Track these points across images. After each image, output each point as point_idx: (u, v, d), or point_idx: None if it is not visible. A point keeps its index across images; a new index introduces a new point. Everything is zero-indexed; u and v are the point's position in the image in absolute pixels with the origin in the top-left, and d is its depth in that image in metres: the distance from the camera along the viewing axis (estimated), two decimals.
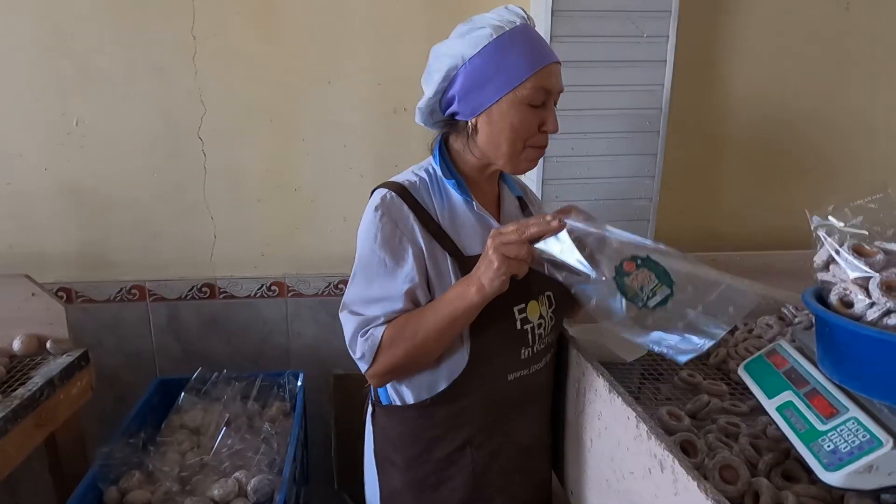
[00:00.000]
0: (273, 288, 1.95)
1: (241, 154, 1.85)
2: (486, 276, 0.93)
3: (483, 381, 1.07)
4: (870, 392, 0.82)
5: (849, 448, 0.78)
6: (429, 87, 1.06)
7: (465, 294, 0.96)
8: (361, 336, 1.02)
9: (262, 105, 1.82)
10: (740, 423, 1.13)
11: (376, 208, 1.03)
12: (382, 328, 1.00)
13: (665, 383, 1.43)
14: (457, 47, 1.01)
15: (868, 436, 0.77)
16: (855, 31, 1.93)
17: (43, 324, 1.54)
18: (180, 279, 1.91)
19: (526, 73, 0.98)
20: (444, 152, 1.11)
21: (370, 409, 1.21)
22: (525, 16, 1.04)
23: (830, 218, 0.91)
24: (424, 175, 1.10)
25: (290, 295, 1.96)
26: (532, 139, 1.03)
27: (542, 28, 1.63)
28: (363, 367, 1.04)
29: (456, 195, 1.09)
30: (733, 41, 1.89)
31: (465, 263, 1.04)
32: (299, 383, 1.75)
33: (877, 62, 1.97)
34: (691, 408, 1.18)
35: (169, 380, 1.78)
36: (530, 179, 1.75)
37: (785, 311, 1.78)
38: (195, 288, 1.91)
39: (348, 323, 1.04)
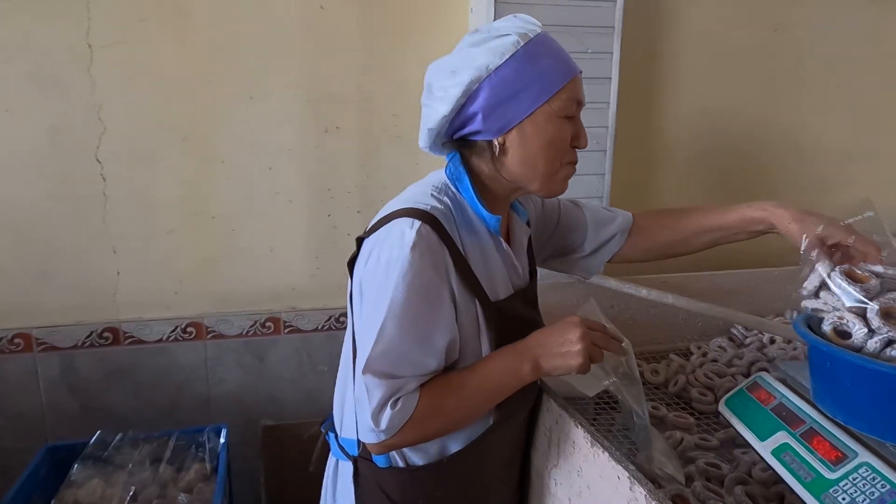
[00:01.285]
0: (189, 329, 1.72)
1: (149, 178, 1.62)
2: (556, 361, 0.88)
3: (503, 440, 1.00)
4: (879, 433, 0.74)
5: (868, 501, 0.69)
6: (442, 105, 0.91)
7: (518, 372, 0.89)
8: (391, 406, 0.84)
9: (174, 123, 1.61)
10: (721, 463, 1.05)
11: (413, 246, 0.84)
12: (416, 396, 0.85)
13: (620, 412, 1.34)
14: (478, 58, 0.88)
15: (889, 486, 0.69)
16: (783, 53, 1.98)
17: None
18: (76, 324, 1.64)
19: (561, 82, 0.89)
20: (468, 177, 0.96)
21: (347, 468, 1.02)
22: (539, 25, 0.94)
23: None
24: (448, 201, 0.94)
25: (209, 337, 1.73)
26: (566, 156, 0.94)
27: None
28: (376, 438, 0.86)
29: (483, 229, 0.96)
30: (674, 60, 1.89)
31: (489, 311, 0.92)
32: (222, 440, 1.53)
33: (803, 82, 2.03)
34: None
35: (60, 446, 1.50)
36: None
37: (734, 331, 1.76)
38: (94, 333, 1.65)
39: (376, 388, 0.84)
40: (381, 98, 1.73)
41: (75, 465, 1.39)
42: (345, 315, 1.77)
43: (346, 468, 1.01)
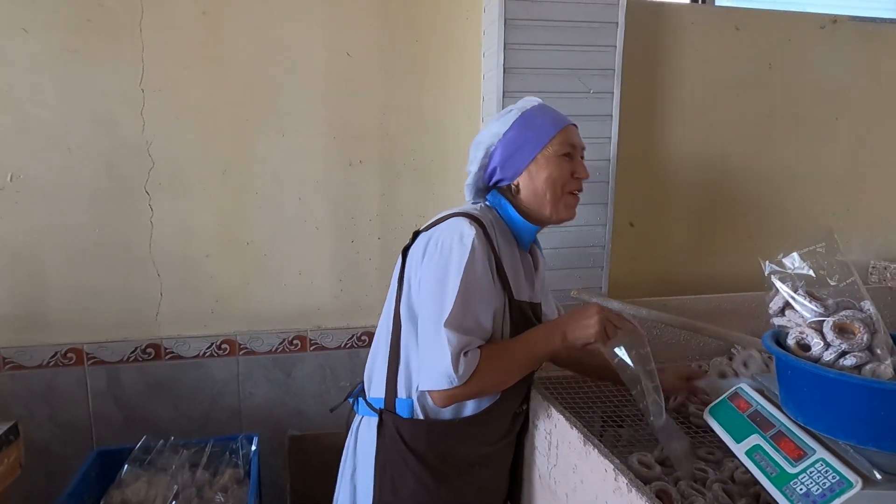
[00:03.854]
0: (223, 346, 1.86)
1: (191, 208, 1.79)
2: (578, 331, 1.10)
3: (505, 411, 1.20)
4: (834, 433, 0.84)
5: (820, 490, 0.80)
6: (473, 166, 1.24)
7: (552, 340, 1.11)
8: (464, 355, 1.05)
9: (214, 157, 1.78)
10: (707, 468, 1.15)
11: (475, 237, 1.09)
12: (479, 353, 1.07)
13: (626, 429, 1.44)
14: (492, 129, 1.21)
15: (838, 477, 0.79)
16: (777, 88, 2.10)
17: None
18: (122, 340, 1.79)
19: (552, 131, 1.18)
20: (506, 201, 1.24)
21: (370, 421, 1.22)
22: (540, 100, 1.26)
23: (785, 261, 0.95)
24: (490, 217, 1.20)
25: (241, 353, 1.88)
26: (568, 185, 1.20)
27: (495, 85, 1.70)
28: (449, 383, 1.05)
29: (514, 244, 1.23)
30: (672, 97, 2.02)
31: (513, 307, 1.16)
32: (253, 447, 1.66)
33: (796, 116, 2.14)
34: (659, 455, 1.19)
35: (109, 451, 1.64)
36: None
37: (735, 351, 1.84)
38: (138, 349, 1.80)
39: (455, 339, 1.05)
40: (401, 134, 1.89)
41: (125, 467, 1.52)
42: (366, 334, 1.91)
43: (370, 422, 1.22)
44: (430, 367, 1.07)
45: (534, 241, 1.32)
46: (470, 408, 1.18)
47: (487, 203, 1.26)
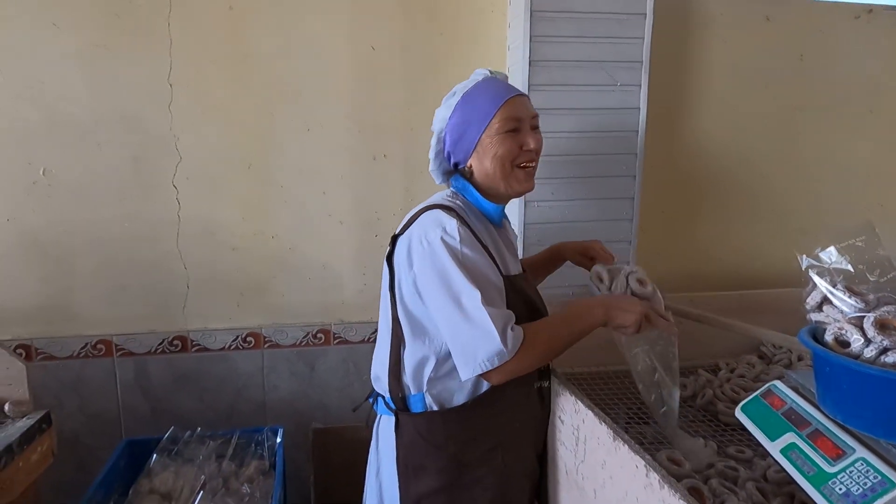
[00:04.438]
0: (248, 339, 1.88)
1: (217, 202, 1.81)
2: (619, 314, 1.12)
3: (517, 385, 1.16)
4: (874, 431, 0.82)
5: (861, 490, 0.77)
6: (431, 152, 1.27)
7: (593, 313, 1.13)
8: (511, 329, 1.05)
9: (240, 152, 1.80)
10: (738, 466, 1.12)
11: (457, 225, 1.10)
12: (520, 327, 1.07)
13: (650, 426, 1.42)
14: (438, 114, 1.25)
15: (880, 477, 0.77)
16: (809, 80, 2.05)
17: (1, 385, 1.44)
18: (150, 332, 1.82)
19: (493, 109, 1.17)
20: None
21: (389, 421, 1.23)
22: (488, 72, 1.24)
23: (822, 255, 0.93)
24: (460, 203, 1.21)
25: (266, 346, 1.89)
26: (517, 159, 1.19)
27: (521, 77, 1.68)
28: (500, 360, 1.04)
29: (487, 223, 1.24)
30: (700, 89, 1.98)
31: (507, 284, 1.15)
32: (279, 439, 1.67)
33: (828, 109, 2.08)
34: None
35: (137, 441, 1.67)
36: (514, 223, 1.76)
37: (764, 348, 1.81)
38: (166, 341, 1.83)
39: (498, 317, 1.05)
40: (424, 128, 1.85)
41: (154, 457, 1.54)
42: None
43: (389, 420, 1.23)
44: (476, 350, 1.05)
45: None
46: (481, 389, 1.18)
47: (453, 189, 1.26)
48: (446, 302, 1.07)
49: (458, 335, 1.07)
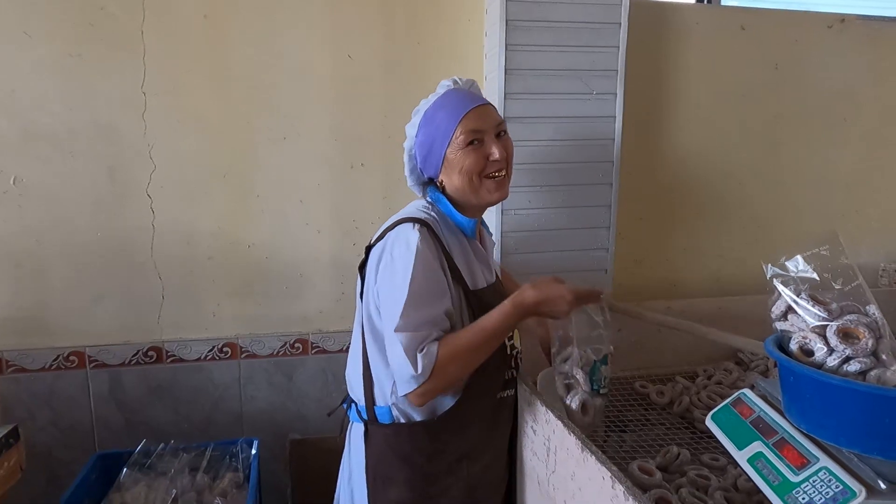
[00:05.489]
0: (225, 349, 1.86)
1: (193, 211, 1.79)
2: (547, 307, 1.13)
3: (481, 397, 1.20)
4: (837, 440, 0.82)
5: (823, 500, 0.77)
6: (405, 168, 1.30)
7: (505, 314, 1.11)
8: (420, 352, 1.06)
9: (216, 161, 1.78)
10: (710, 475, 1.12)
11: (420, 240, 1.11)
12: (436, 345, 1.07)
13: (630, 434, 1.42)
14: (407, 132, 1.27)
15: (841, 486, 0.77)
16: (784, 89, 2.07)
17: None
18: (124, 343, 1.80)
19: (453, 125, 1.18)
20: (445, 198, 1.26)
21: (359, 429, 1.24)
22: (451, 83, 1.25)
23: (788, 264, 0.93)
24: (434, 215, 1.22)
25: (243, 356, 1.87)
26: (485, 170, 1.20)
27: (496, 86, 1.68)
28: (416, 383, 1.05)
29: (461, 235, 1.24)
30: (677, 98, 2.00)
31: (471, 297, 1.18)
32: (253, 451, 1.65)
33: (804, 117, 2.11)
34: (661, 461, 1.17)
35: (109, 454, 1.64)
36: (492, 230, 1.76)
37: (742, 355, 1.82)
38: (140, 352, 1.80)
39: (407, 340, 1.06)
40: (402, 137, 1.87)
41: (124, 471, 1.52)
42: None
43: (359, 428, 1.25)
44: (397, 374, 1.08)
45: (479, 223, 1.35)
46: (446, 403, 1.19)
47: (429, 199, 1.27)
48: (387, 320, 1.09)
49: (389, 355, 1.10)
